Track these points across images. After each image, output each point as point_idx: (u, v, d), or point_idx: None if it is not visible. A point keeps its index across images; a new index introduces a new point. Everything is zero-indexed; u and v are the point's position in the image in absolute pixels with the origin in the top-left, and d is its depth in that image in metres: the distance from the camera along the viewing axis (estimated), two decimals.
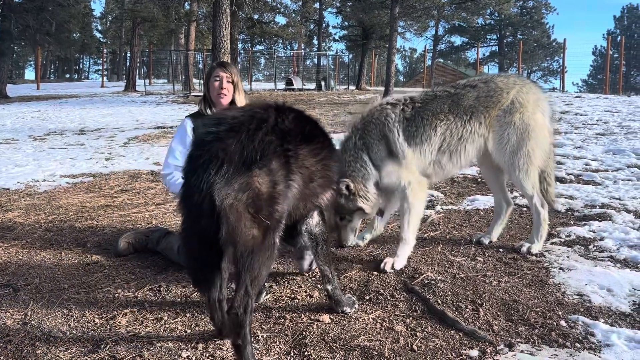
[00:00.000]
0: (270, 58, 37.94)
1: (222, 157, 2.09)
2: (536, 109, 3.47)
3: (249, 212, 2.11)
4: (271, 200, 2.17)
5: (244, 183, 2.09)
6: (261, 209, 2.14)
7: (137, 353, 2.40)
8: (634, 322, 2.63)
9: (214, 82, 3.66)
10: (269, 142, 2.19)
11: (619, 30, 55.78)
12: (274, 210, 2.19)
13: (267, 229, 2.17)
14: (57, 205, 5.26)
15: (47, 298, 3.04)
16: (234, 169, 2.08)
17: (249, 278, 2.15)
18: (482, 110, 3.43)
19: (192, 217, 2.19)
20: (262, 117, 2.27)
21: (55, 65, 61.88)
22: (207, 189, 2.06)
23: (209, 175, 2.06)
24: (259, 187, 2.13)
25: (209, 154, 2.11)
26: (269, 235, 2.19)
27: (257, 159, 2.13)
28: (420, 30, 32.66)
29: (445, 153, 3.44)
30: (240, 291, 2.14)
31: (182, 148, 3.68)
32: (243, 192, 2.09)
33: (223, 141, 2.14)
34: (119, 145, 9.55)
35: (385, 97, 3.63)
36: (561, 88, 23.95)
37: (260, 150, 2.15)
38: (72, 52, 53.58)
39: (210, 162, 2.09)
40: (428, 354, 2.36)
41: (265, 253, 2.18)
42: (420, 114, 3.42)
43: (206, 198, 2.06)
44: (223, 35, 14.34)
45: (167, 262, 3.56)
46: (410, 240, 3.41)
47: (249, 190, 2.10)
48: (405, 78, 65.18)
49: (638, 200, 4.81)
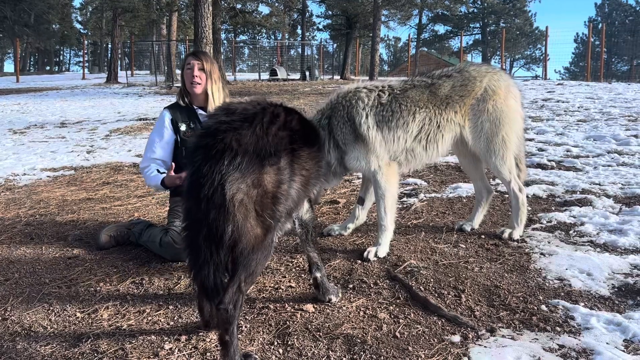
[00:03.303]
0: (254, 48, 37.66)
1: (235, 147, 2.01)
2: (508, 95, 3.51)
3: (255, 210, 2.06)
4: (275, 200, 2.13)
5: (255, 179, 2.04)
6: (266, 208, 2.10)
7: (119, 346, 2.39)
8: (612, 305, 2.67)
9: (187, 71, 3.62)
10: (281, 138, 2.15)
11: (600, 17, 56.21)
12: (276, 210, 2.15)
13: (268, 228, 2.13)
14: (37, 199, 5.19)
15: (27, 293, 3.00)
16: (248, 161, 2.02)
17: (244, 275, 2.11)
18: (458, 99, 3.45)
19: (201, 210, 2.04)
20: (275, 113, 2.22)
21: (34, 58, 60.78)
22: (220, 180, 1.97)
23: (221, 166, 1.98)
24: (266, 185, 2.09)
25: (222, 144, 2.02)
26: (270, 234, 2.15)
27: (271, 154, 2.08)
28: (403, 19, 32.61)
29: (420, 142, 3.44)
30: (232, 287, 2.10)
31: (159, 140, 3.64)
32: (255, 188, 2.04)
33: (237, 131, 2.06)
34: (101, 138, 9.44)
35: (364, 82, 3.62)
36: (543, 75, 24.14)
37: (274, 145, 2.10)
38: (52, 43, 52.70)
39: (224, 152, 2.00)
40: (411, 340, 2.37)
41: (263, 252, 2.15)
42: (397, 100, 3.41)
43: (218, 189, 1.98)
44: (205, 25, 14.17)
45: (149, 255, 3.54)
46: (389, 226, 3.42)
47: (259, 187, 2.06)
48: (389, 67, 65.18)
49: (618, 186, 4.88)
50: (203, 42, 14.09)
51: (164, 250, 3.42)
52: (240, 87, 20.72)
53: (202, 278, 2.08)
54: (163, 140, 3.64)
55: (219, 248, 2.04)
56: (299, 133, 2.28)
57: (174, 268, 3.30)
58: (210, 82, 3.63)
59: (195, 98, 3.68)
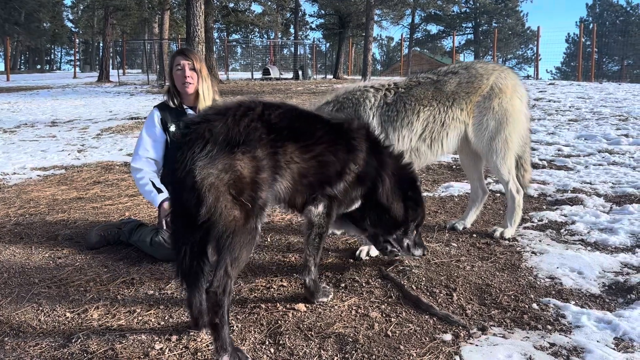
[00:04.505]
0: (247, 47, 37.56)
1: (207, 136, 2.19)
2: (514, 95, 3.50)
3: (230, 193, 2.17)
4: (253, 186, 2.24)
5: (227, 164, 2.17)
6: (243, 192, 2.20)
7: (109, 346, 2.37)
8: (603, 303, 2.69)
9: (177, 72, 3.58)
10: (254, 129, 2.28)
11: (591, 17, 56.56)
12: (256, 196, 2.25)
13: (248, 212, 2.22)
14: (27, 198, 5.15)
15: (16, 293, 2.97)
16: (218, 149, 2.17)
17: (229, 258, 2.19)
18: (464, 96, 3.44)
19: (175, 192, 2.28)
20: (249, 107, 2.37)
21: (25, 56, 60.33)
22: (190, 164, 2.15)
23: (193, 152, 2.16)
24: (241, 170, 2.20)
25: (195, 133, 2.21)
26: (251, 219, 2.24)
27: (241, 142, 2.22)
28: (396, 19, 32.68)
29: (425, 140, 3.43)
30: (220, 271, 2.18)
31: (151, 140, 3.61)
32: (225, 172, 2.17)
33: (210, 122, 2.24)
34: (92, 137, 9.38)
35: (370, 81, 3.59)
36: (535, 75, 24.26)
37: (244, 134, 2.24)
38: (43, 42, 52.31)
39: (195, 141, 2.19)
40: (402, 339, 2.37)
41: (246, 236, 2.23)
42: (402, 99, 3.40)
43: (189, 173, 2.15)
44: (197, 24, 14.13)
45: (140, 255, 3.51)
46: None
47: (231, 171, 2.18)
48: (382, 67, 65.26)
49: (609, 185, 4.90)
50: (195, 40, 14.04)
51: (154, 249, 3.40)
52: (232, 86, 20.67)
53: (179, 260, 2.26)
54: (154, 138, 3.62)
55: (193, 228, 2.21)
56: (281, 126, 2.38)
57: (165, 268, 3.28)
58: (200, 80, 3.61)
59: (186, 98, 3.65)
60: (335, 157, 2.58)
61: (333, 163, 2.58)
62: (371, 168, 2.72)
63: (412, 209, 2.93)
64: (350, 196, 2.72)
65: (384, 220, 2.88)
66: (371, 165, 2.72)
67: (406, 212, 2.90)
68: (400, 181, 2.87)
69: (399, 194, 2.86)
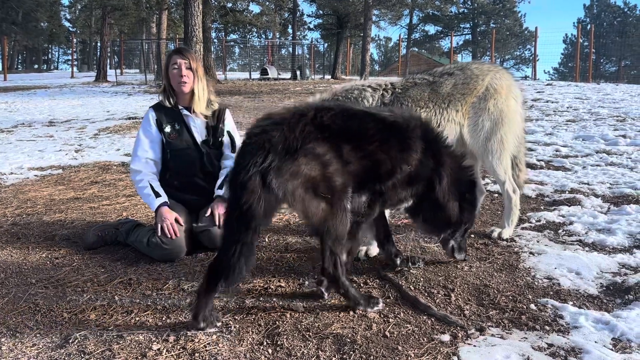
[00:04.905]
0: (245, 47, 37.53)
1: (267, 147, 2.39)
2: (509, 95, 3.50)
3: (308, 193, 2.42)
4: (327, 179, 2.46)
5: (293, 171, 2.39)
6: (318, 187, 2.44)
7: (106, 347, 2.36)
8: (601, 304, 2.69)
9: (173, 70, 3.55)
10: (308, 132, 2.46)
11: (589, 18, 56.67)
12: (333, 186, 2.47)
13: (331, 200, 2.46)
14: (24, 198, 5.13)
15: (13, 293, 2.96)
16: (279, 158, 2.38)
17: (330, 241, 2.51)
18: (459, 97, 3.43)
19: (234, 194, 2.43)
20: (302, 112, 2.56)
21: (22, 56, 60.20)
22: (254, 170, 2.36)
23: (255, 161, 2.37)
24: (308, 172, 2.42)
25: (256, 145, 2.43)
26: (337, 202, 2.48)
27: (299, 147, 2.41)
28: (394, 19, 32.72)
29: None
30: (326, 252, 2.52)
31: (149, 141, 3.60)
32: (295, 179, 2.39)
33: (267, 133, 2.45)
34: (89, 137, 9.36)
35: (367, 80, 3.59)
36: (533, 76, 24.29)
37: (301, 139, 2.43)
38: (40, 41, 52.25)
39: (257, 150, 2.40)
40: (400, 340, 2.37)
41: (337, 217, 2.49)
42: (400, 100, 3.39)
43: (251, 178, 2.35)
44: (195, 24, 14.13)
45: (137, 255, 3.51)
46: None
47: (300, 176, 2.40)
48: (380, 67, 65.30)
49: (606, 185, 4.91)
50: (193, 40, 14.04)
51: (151, 250, 3.39)
52: (230, 86, 20.66)
53: (228, 256, 2.38)
54: (151, 139, 3.61)
55: (248, 228, 2.38)
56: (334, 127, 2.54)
57: (162, 268, 3.28)
58: (196, 80, 3.60)
59: (182, 97, 3.64)
60: (387, 155, 2.63)
61: (384, 162, 2.63)
62: (426, 168, 2.74)
63: (467, 211, 2.94)
64: (399, 196, 2.76)
65: (436, 218, 2.90)
66: (426, 166, 2.74)
67: (460, 213, 2.91)
68: (458, 182, 2.87)
69: (456, 195, 2.87)
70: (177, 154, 3.61)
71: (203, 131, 3.67)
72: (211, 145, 3.67)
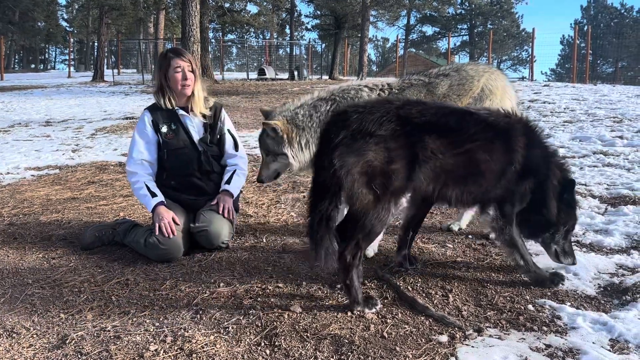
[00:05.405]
0: (242, 47, 37.49)
1: (342, 127, 2.49)
2: (504, 96, 3.50)
3: (363, 179, 2.45)
4: (384, 174, 2.47)
5: (360, 153, 2.44)
6: (374, 179, 2.46)
7: (103, 348, 2.35)
8: (598, 304, 2.69)
9: (175, 73, 3.53)
10: (388, 121, 2.49)
11: (586, 19, 56.82)
12: (388, 184, 2.48)
13: (379, 197, 2.48)
14: (21, 198, 5.12)
15: (9, 294, 2.94)
16: (351, 138, 2.45)
17: (361, 234, 2.54)
18: (455, 98, 3.43)
19: (317, 171, 2.59)
20: (388, 101, 2.66)
21: (19, 55, 60.04)
22: (329, 151, 2.47)
23: (330, 140, 2.49)
24: (372, 160, 2.45)
25: (334, 124, 2.56)
26: (384, 202, 2.50)
27: (373, 133, 2.46)
28: (392, 20, 32.77)
29: None
30: (352, 241, 2.55)
31: (144, 142, 3.60)
32: (358, 161, 2.44)
33: (347, 114, 2.55)
34: (86, 137, 9.33)
35: (364, 80, 3.58)
36: (530, 77, 24.32)
37: (377, 126, 2.47)
38: (37, 41, 52.13)
39: (333, 130, 2.52)
40: (398, 341, 2.37)
41: (377, 217, 2.51)
42: None
43: (327, 158, 2.47)
44: (193, 24, 14.11)
45: (135, 255, 3.49)
46: None
47: (363, 160, 2.45)
48: (378, 68, 65.37)
49: (603, 186, 4.92)
50: (191, 40, 14.03)
51: (148, 250, 3.38)
52: (228, 86, 20.63)
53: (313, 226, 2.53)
54: (146, 140, 3.60)
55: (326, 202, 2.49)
56: (422, 121, 2.55)
57: (160, 268, 3.27)
58: (196, 81, 3.61)
59: (180, 98, 3.63)
60: (490, 155, 2.63)
61: (488, 161, 2.62)
62: (529, 168, 2.71)
63: (565, 212, 2.85)
64: (519, 193, 2.75)
65: (534, 220, 2.84)
66: (529, 165, 2.71)
67: (558, 214, 2.83)
68: (556, 181, 2.82)
69: (555, 195, 2.81)
70: (174, 153, 3.60)
71: (201, 130, 3.67)
72: (209, 143, 3.66)
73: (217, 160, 3.72)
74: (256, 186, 5.29)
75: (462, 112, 2.74)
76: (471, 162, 2.62)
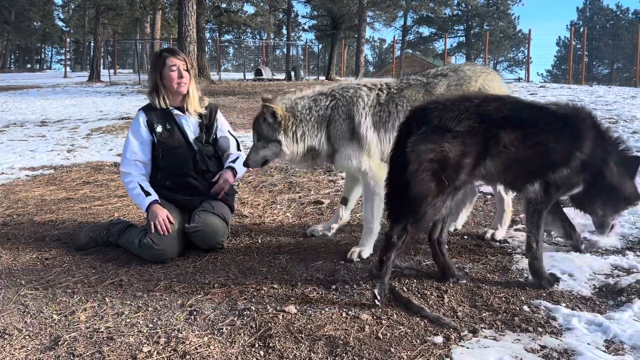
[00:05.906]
0: (239, 48, 37.48)
1: (423, 120, 2.60)
2: None
3: (432, 167, 2.54)
4: (456, 167, 2.57)
5: (436, 144, 2.54)
6: (445, 170, 2.55)
7: (96, 349, 2.33)
8: (594, 305, 2.69)
9: (170, 72, 3.52)
10: (466, 118, 2.58)
11: (582, 21, 57.01)
12: (455, 177, 2.58)
13: (443, 188, 2.57)
14: (15, 198, 5.09)
15: (2, 294, 2.92)
16: (431, 131, 2.56)
17: (411, 219, 2.61)
18: None
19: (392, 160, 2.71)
20: (468, 98, 2.72)
21: (15, 55, 59.83)
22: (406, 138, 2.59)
23: (410, 130, 2.60)
24: (447, 151, 2.54)
25: (415, 117, 2.68)
26: (443, 194, 2.59)
27: (451, 128, 2.56)
28: (388, 21, 32.81)
29: None
30: (400, 225, 2.63)
31: (138, 142, 3.58)
32: (432, 149, 2.54)
33: (428, 109, 2.66)
34: (82, 137, 9.30)
35: (363, 79, 3.57)
36: (526, 78, 24.38)
37: (457, 122, 2.56)
38: (33, 41, 52.00)
39: (414, 122, 2.64)
40: (393, 342, 2.36)
41: (432, 207, 2.60)
42: (395, 100, 3.37)
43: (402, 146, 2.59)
44: (189, 24, 14.09)
45: (129, 256, 3.48)
46: (375, 228, 3.39)
47: (438, 150, 2.54)
48: (374, 68, 65.42)
49: None
50: (187, 40, 14.01)
51: (142, 251, 3.36)
52: (225, 86, 20.59)
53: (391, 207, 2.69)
54: (140, 141, 3.59)
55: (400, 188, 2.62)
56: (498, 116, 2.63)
57: (154, 269, 3.25)
58: (191, 80, 3.60)
59: (175, 98, 3.62)
60: (558, 145, 2.70)
61: (556, 151, 2.70)
62: (596, 157, 2.78)
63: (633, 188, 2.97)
64: (571, 181, 2.80)
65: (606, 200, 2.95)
66: (596, 154, 2.78)
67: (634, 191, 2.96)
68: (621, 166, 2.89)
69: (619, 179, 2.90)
70: (169, 153, 3.59)
71: (196, 129, 3.66)
72: (204, 143, 3.65)
73: (212, 160, 3.71)
74: (252, 187, 5.28)
75: (533, 107, 2.87)
76: (540, 153, 2.71)
